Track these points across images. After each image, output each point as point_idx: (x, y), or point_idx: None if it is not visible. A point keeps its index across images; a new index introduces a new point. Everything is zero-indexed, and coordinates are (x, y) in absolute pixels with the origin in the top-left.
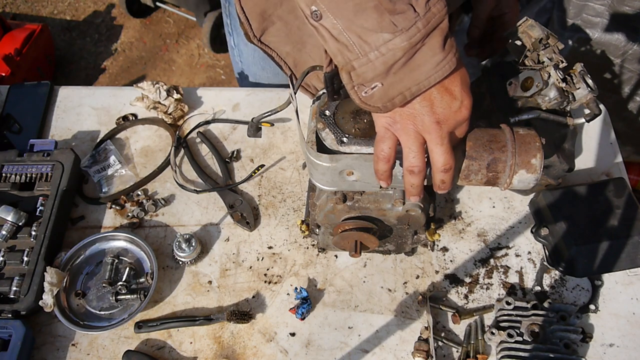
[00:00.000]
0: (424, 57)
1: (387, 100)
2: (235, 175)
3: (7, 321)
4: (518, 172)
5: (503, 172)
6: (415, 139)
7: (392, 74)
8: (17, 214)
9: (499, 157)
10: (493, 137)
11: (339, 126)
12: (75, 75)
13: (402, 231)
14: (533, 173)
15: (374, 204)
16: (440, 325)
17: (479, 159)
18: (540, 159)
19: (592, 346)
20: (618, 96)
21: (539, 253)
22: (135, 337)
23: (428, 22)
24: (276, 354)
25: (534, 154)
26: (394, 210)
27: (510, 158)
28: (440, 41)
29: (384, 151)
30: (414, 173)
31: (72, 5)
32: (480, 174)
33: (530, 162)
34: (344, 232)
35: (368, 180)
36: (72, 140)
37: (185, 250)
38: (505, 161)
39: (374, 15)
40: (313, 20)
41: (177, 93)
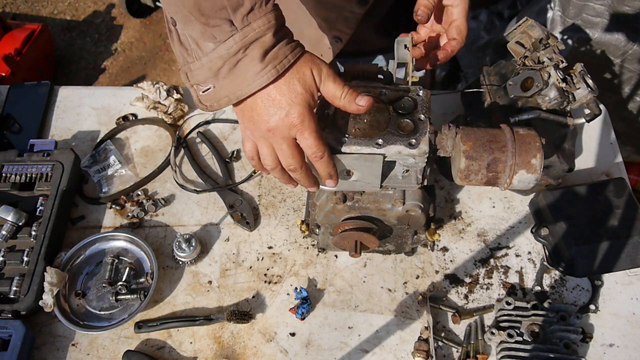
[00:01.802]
0: (246, 66)
1: (214, 100)
2: (235, 175)
3: (7, 321)
4: (518, 172)
5: (503, 172)
6: (262, 143)
7: (221, 78)
8: (17, 214)
9: (499, 157)
10: (493, 137)
11: (339, 126)
12: (75, 75)
13: (402, 231)
14: (533, 173)
15: (374, 204)
16: (440, 325)
17: (479, 159)
18: (540, 159)
19: (592, 346)
20: (618, 96)
21: (539, 253)
22: (135, 337)
23: (245, 36)
24: (276, 354)
25: (534, 154)
26: (394, 210)
27: (511, 158)
28: (260, 53)
29: (247, 151)
30: (291, 170)
31: (72, 5)
32: (480, 174)
33: (530, 162)
34: (344, 232)
35: (368, 180)
36: (72, 140)
37: (185, 250)
38: (506, 161)
39: (198, 26)
40: (171, 25)
41: (177, 93)
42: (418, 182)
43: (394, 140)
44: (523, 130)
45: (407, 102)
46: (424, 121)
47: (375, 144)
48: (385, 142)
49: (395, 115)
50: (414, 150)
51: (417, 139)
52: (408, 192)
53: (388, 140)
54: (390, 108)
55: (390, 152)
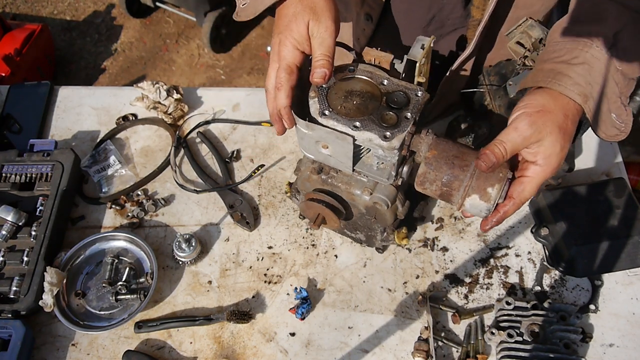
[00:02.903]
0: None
1: (252, 11)
2: (235, 175)
3: (7, 321)
4: (471, 195)
5: (457, 190)
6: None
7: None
8: (17, 214)
9: (457, 175)
10: (460, 154)
11: (328, 100)
12: (75, 75)
13: (371, 223)
14: (486, 201)
15: (345, 185)
16: (440, 325)
17: (438, 170)
18: (497, 190)
19: (592, 346)
20: None
21: (539, 253)
22: (135, 337)
23: None
24: (276, 354)
25: (493, 183)
26: (362, 197)
27: (468, 179)
28: None
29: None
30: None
31: (72, 5)
32: (435, 185)
33: (486, 190)
34: (310, 201)
35: (340, 158)
36: (72, 140)
37: (185, 250)
38: (462, 180)
39: None
40: None
41: (177, 93)
42: (389, 179)
43: (371, 127)
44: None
45: (399, 97)
46: (408, 120)
47: (353, 125)
48: (362, 127)
49: (385, 106)
50: (384, 142)
51: (393, 134)
52: (380, 185)
53: (366, 126)
54: (383, 99)
55: (361, 138)
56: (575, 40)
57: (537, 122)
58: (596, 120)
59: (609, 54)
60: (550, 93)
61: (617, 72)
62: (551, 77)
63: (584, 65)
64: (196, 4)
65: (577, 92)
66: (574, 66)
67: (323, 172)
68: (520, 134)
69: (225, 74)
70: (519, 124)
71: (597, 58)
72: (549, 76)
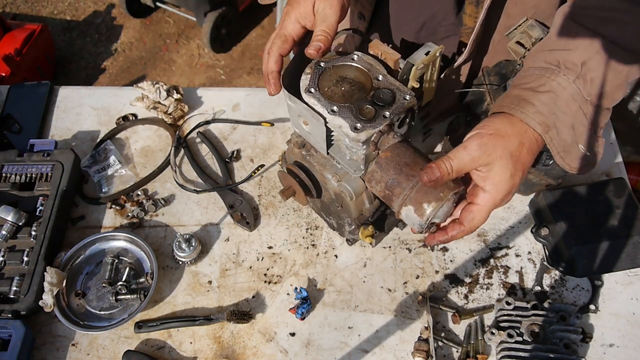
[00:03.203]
0: None
1: None
2: (235, 175)
3: (7, 321)
4: (407, 206)
5: (397, 197)
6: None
7: None
8: (17, 214)
9: (400, 182)
10: (412, 163)
11: (320, 79)
12: (75, 75)
13: (339, 212)
14: (420, 216)
15: (319, 166)
16: (440, 325)
17: (385, 172)
18: (433, 209)
19: (592, 346)
20: None
21: (539, 253)
22: (135, 337)
23: None
24: (276, 354)
25: (430, 200)
26: (331, 182)
27: (409, 189)
28: None
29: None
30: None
31: (72, 5)
32: (379, 186)
33: (421, 204)
34: (286, 173)
35: (316, 137)
36: (72, 140)
37: (185, 250)
38: (404, 188)
39: None
40: None
41: (177, 93)
42: (357, 171)
43: (346, 116)
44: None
45: (386, 95)
46: (384, 118)
47: (331, 109)
48: (337, 113)
49: (369, 100)
50: (352, 133)
51: (363, 128)
52: (349, 176)
53: (342, 112)
54: (371, 93)
55: (333, 122)
56: (544, 67)
57: (488, 145)
58: (559, 151)
59: (576, 83)
60: (510, 118)
61: (586, 102)
62: (515, 103)
63: (550, 94)
64: (196, 4)
65: (538, 120)
66: (539, 94)
67: (304, 148)
68: (469, 153)
69: (225, 74)
70: (470, 143)
71: (563, 87)
72: (513, 102)
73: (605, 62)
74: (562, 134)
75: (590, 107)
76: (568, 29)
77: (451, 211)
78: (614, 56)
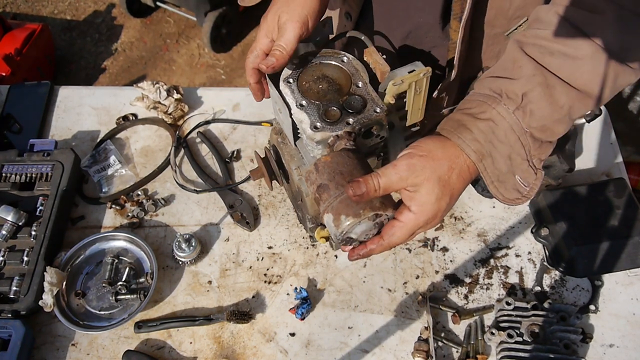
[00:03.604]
0: None
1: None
2: (235, 175)
3: (7, 321)
4: (328, 213)
5: (323, 202)
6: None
7: None
8: (17, 214)
9: (328, 189)
10: (347, 174)
11: (300, 73)
12: (75, 75)
13: (300, 206)
14: (336, 227)
15: (289, 157)
16: (440, 325)
17: (319, 175)
18: (349, 223)
19: (592, 346)
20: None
21: (539, 253)
22: (135, 337)
23: None
24: (276, 354)
25: (348, 214)
26: (294, 173)
27: (333, 197)
28: None
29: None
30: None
31: (72, 5)
32: (312, 187)
33: (340, 216)
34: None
35: (286, 127)
36: (72, 140)
37: (185, 250)
38: (330, 195)
39: None
40: None
41: (177, 93)
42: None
43: (312, 113)
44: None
45: (357, 103)
46: (346, 125)
47: (299, 103)
48: (304, 109)
49: (340, 104)
50: (309, 130)
51: (322, 128)
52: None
53: (308, 109)
54: (345, 98)
55: (296, 116)
56: (487, 94)
57: (416, 166)
58: (492, 180)
59: (515, 114)
60: (444, 142)
61: (526, 134)
62: (454, 127)
63: (489, 122)
64: (197, 3)
65: (474, 148)
66: (478, 121)
67: (281, 135)
68: (397, 172)
69: (226, 73)
70: (399, 163)
71: (502, 116)
72: (452, 126)
73: (547, 95)
74: (498, 163)
75: (530, 139)
76: (515, 57)
77: (371, 231)
78: (557, 90)
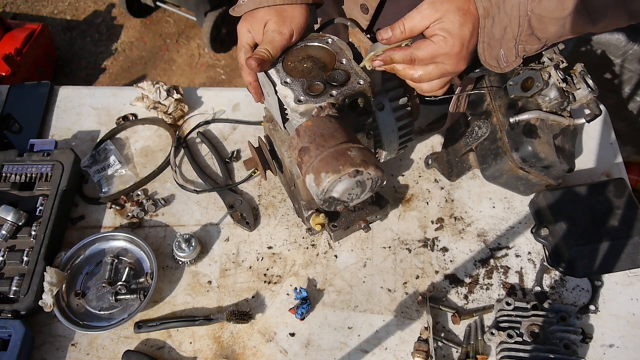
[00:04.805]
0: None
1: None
2: (235, 175)
3: (7, 321)
4: (309, 174)
5: (304, 165)
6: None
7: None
8: (17, 214)
9: (309, 150)
10: (328, 136)
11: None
12: (75, 75)
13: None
14: (317, 185)
15: (280, 142)
16: (440, 325)
17: (301, 139)
18: (329, 180)
19: (592, 347)
20: (618, 96)
21: (539, 253)
22: (135, 337)
23: None
24: (276, 354)
25: (328, 171)
26: (285, 156)
27: (314, 158)
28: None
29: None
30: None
31: (72, 5)
32: (294, 153)
33: (320, 174)
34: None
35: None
36: (72, 140)
37: (185, 250)
38: (311, 157)
39: None
40: None
41: (177, 93)
42: None
43: (296, 89)
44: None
45: (340, 76)
46: (330, 97)
47: (284, 80)
48: (289, 85)
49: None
50: (293, 104)
51: (305, 102)
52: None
53: (293, 85)
54: (329, 73)
55: (281, 92)
56: None
57: (436, 2)
58: (484, 41)
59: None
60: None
61: (526, 17)
62: None
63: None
64: (196, 3)
65: (484, 4)
66: None
67: (272, 122)
68: (419, 12)
69: (226, 73)
70: (421, 5)
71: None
72: None
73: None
74: (495, 28)
75: (526, 24)
76: None
77: (354, 190)
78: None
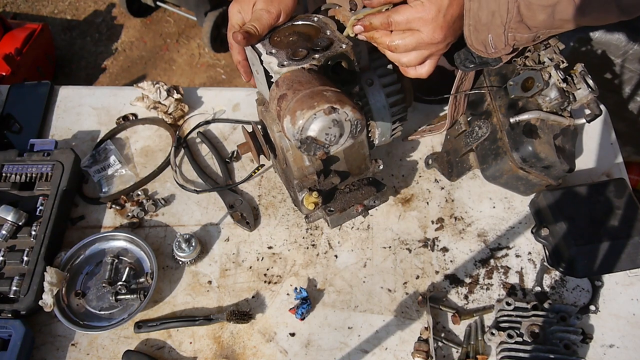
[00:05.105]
0: None
1: None
2: (235, 175)
3: (7, 321)
4: (286, 117)
5: (283, 111)
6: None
7: None
8: (17, 214)
9: (287, 95)
10: (305, 82)
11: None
12: (75, 74)
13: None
14: (293, 125)
15: (271, 121)
16: (440, 325)
17: (279, 89)
18: (305, 118)
19: (592, 347)
20: (619, 96)
21: (539, 253)
22: (135, 337)
23: None
24: (276, 354)
25: (303, 109)
26: (275, 134)
27: (291, 99)
28: None
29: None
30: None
31: (72, 5)
32: (274, 104)
33: (295, 113)
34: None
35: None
36: (72, 140)
37: (185, 250)
38: (288, 100)
39: None
40: None
41: (177, 93)
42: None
43: (280, 57)
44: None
45: (323, 41)
46: (312, 59)
47: (269, 51)
48: (273, 54)
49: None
50: (276, 67)
51: (289, 65)
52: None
53: (278, 55)
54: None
55: (265, 59)
56: None
57: None
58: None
59: None
60: None
61: (515, 3)
62: None
63: None
64: (197, 3)
65: None
66: None
67: (264, 105)
68: None
69: (226, 73)
70: None
71: None
72: None
73: None
74: (482, 12)
75: (515, 11)
76: None
77: (331, 130)
78: None
